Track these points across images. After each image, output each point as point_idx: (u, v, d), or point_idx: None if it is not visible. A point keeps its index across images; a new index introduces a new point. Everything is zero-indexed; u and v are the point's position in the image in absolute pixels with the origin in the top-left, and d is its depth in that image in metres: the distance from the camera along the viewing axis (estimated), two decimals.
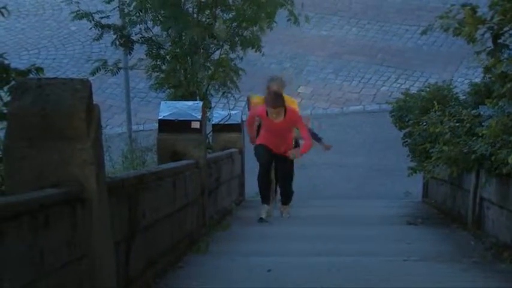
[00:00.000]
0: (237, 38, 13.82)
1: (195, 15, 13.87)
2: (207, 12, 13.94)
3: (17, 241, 3.33)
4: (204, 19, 13.91)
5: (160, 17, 13.75)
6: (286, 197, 11.26)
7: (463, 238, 8.76)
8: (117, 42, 14.16)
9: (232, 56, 14.07)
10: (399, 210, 12.04)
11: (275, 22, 14.03)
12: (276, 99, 10.22)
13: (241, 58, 13.95)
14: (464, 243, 8.38)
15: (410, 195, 14.76)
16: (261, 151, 10.65)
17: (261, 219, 10.33)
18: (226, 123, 12.90)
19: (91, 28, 14.20)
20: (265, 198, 10.79)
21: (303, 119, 10.95)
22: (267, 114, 10.32)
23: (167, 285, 6.00)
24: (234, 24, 13.86)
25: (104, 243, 4.51)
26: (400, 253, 7.65)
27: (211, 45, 14.17)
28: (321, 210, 12.10)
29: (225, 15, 14.00)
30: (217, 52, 14.08)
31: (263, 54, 14.35)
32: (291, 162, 10.95)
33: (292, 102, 11.26)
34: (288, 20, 14.06)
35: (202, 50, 13.94)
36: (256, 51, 13.96)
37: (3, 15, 5.51)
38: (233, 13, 13.81)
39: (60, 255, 3.85)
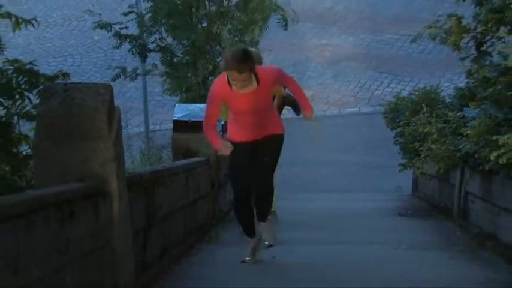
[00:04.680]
0: (239, 45, 13.86)
1: (201, 25, 13.94)
2: (216, 21, 13.99)
3: (45, 231, 3.33)
4: (210, 28, 13.97)
5: (170, 25, 13.82)
6: (264, 206, 6.65)
7: (449, 228, 8.74)
8: (134, 50, 14.24)
9: None
10: (391, 203, 12.03)
11: (267, 27, 14.10)
12: (240, 57, 5.86)
13: None
14: (450, 233, 8.36)
15: (401, 189, 14.73)
16: (236, 158, 6.32)
17: (243, 262, 6.45)
18: None
19: (110, 37, 14.29)
20: (250, 230, 6.59)
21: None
22: (229, 87, 6.02)
23: (181, 271, 6.00)
24: (236, 33, 13.92)
25: (124, 233, 4.51)
26: (392, 242, 7.64)
27: (217, 51, 14.23)
28: (320, 203, 12.08)
29: (229, 25, 14.05)
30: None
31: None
32: (279, 148, 6.50)
33: (278, 88, 7.32)
34: (278, 22, 14.08)
35: (208, 56, 13.98)
36: None
37: (33, 25, 5.50)
38: (235, 22, 13.85)
39: (83, 245, 3.85)
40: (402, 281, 5.68)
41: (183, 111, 8.62)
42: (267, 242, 6.72)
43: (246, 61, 5.86)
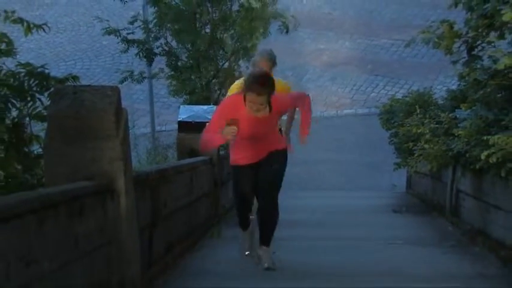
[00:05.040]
0: (241, 51, 13.86)
1: (204, 30, 13.96)
2: (219, 27, 14.00)
3: (55, 227, 3.32)
4: (213, 33, 13.98)
5: (175, 30, 13.84)
6: (269, 228, 6.17)
7: (441, 225, 8.73)
8: (140, 55, 14.26)
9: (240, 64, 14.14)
10: (386, 201, 12.02)
11: (270, 33, 14.10)
12: (263, 81, 5.59)
13: (248, 67, 13.98)
14: (442, 229, 8.36)
15: (396, 187, 14.72)
16: (240, 178, 6.11)
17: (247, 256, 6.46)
18: None
19: (118, 42, 14.31)
20: (247, 226, 6.54)
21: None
22: (244, 107, 5.70)
23: (185, 266, 5.99)
24: (238, 38, 13.93)
25: (130, 230, 4.50)
26: (387, 237, 7.64)
27: (220, 56, 14.25)
28: (318, 200, 12.07)
29: (231, 30, 14.06)
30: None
31: None
32: (284, 160, 6.10)
33: (283, 87, 6.64)
34: (278, 29, 14.08)
35: (211, 60, 14.00)
36: None
37: (44, 30, 5.49)
38: (237, 28, 13.86)
39: (92, 240, 3.84)
40: (397, 275, 5.68)
41: (187, 112, 8.62)
42: (266, 265, 6.03)
43: (267, 85, 5.56)
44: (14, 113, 5.22)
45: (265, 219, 6.09)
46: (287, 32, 14.12)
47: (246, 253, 6.43)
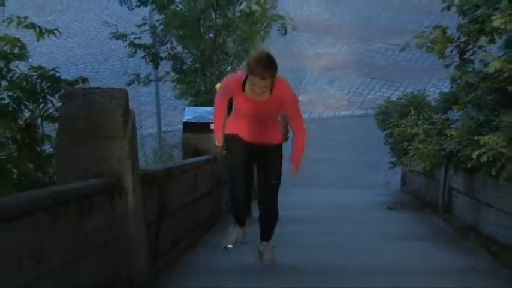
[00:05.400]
0: (243, 54, 13.86)
1: (208, 36, 13.97)
2: (221, 32, 14.01)
3: (66, 223, 3.32)
4: (216, 38, 13.99)
5: (180, 35, 13.86)
6: (269, 227, 5.90)
7: (435, 221, 8.72)
8: (147, 59, 14.28)
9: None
10: (381, 198, 12.01)
11: (269, 37, 14.12)
12: (266, 64, 5.09)
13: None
14: (436, 225, 8.35)
15: (391, 185, 14.72)
16: (235, 149, 5.56)
17: (225, 248, 5.92)
18: None
19: (126, 47, 14.32)
20: (241, 220, 5.97)
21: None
22: (243, 88, 5.29)
23: (189, 260, 5.98)
24: (240, 42, 13.94)
25: (138, 226, 4.49)
26: (383, 233, 7.62)
27: (223, 60, 14.25)
28: (317, 198, 12.07)
29: (233, 35, 14.07)
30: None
31: None
32: (279, 157, 5.68)
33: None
34: (278, 30, 14.09)
35: (214, 63, 14.01)
36: None
37: (55, 35, 5.49)
38: (239, 32, 13.86)
39: (101, 236, 3.83)
40: (392, 269, 5.66)
41: (192, 113, 8.61)
42: (267, 261, 5.83)
43: (271, 68, 5.07)
44: (27, 114, 5.22)
45: (266, 219, 5.88)
46: (285, 33, 14.11)
47: (229, 246, 5.87)
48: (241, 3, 13.77)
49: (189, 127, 8.49)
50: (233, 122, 5.61)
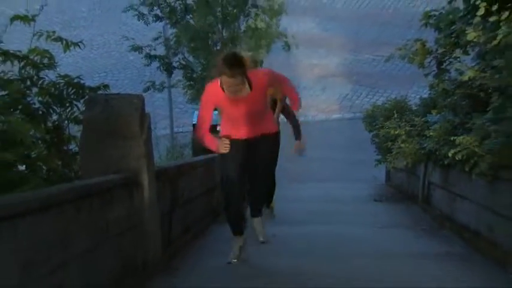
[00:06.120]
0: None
1: (216, 48, 13.98)
2: (228, 45, 14.01)
3: (89, 214, 3.33)
4: (223, 50, 14.00)
5: (191, 47, 13.89)
6: (259, 202, 5.43)
7: (415, 211, 8.71)
8: (161, 68, 14.31)
9: None
10: (368, 191, 11.99)
11: (271, 50, 14.15)
12: (232, 62, 4.62)
13: None
14: (416, 215, 8.34)
15: (377, 180, 14.69)
16: (228, 155, 4.97)
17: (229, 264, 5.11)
18: None
19: (142, 58, 14.35)
20: (238, 228, 5.25)
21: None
22: (222, 89, 4.82)
23: (199, 245, 5.99)
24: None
25: (153, 216, 4.51)
26: (369, 223, 7.62)
27: None
28: (311, 191, 12.06)
29: (239, 48, 14.08)
30: None
31: None
32: (276, 147, 5.27)
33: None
34: (283, 47, 14.13)
35: None
36: None
37: (80, 47, 5.50)
38: (244, 46, 13.88)
39: (120, 225, 3.85)
40: (377, 253, 5.67)
41: None
42: (262, 239, 5.47)
43: (238, 65, 4.60)
44: (55, 117, 5.22)
45: (255, 195, 5.31)
46: (289, 49, 14.19)
47: (234, 260, 5.15)
48: (247, 20, 13.79)
49: None
50: (225, 126, 5.16)
